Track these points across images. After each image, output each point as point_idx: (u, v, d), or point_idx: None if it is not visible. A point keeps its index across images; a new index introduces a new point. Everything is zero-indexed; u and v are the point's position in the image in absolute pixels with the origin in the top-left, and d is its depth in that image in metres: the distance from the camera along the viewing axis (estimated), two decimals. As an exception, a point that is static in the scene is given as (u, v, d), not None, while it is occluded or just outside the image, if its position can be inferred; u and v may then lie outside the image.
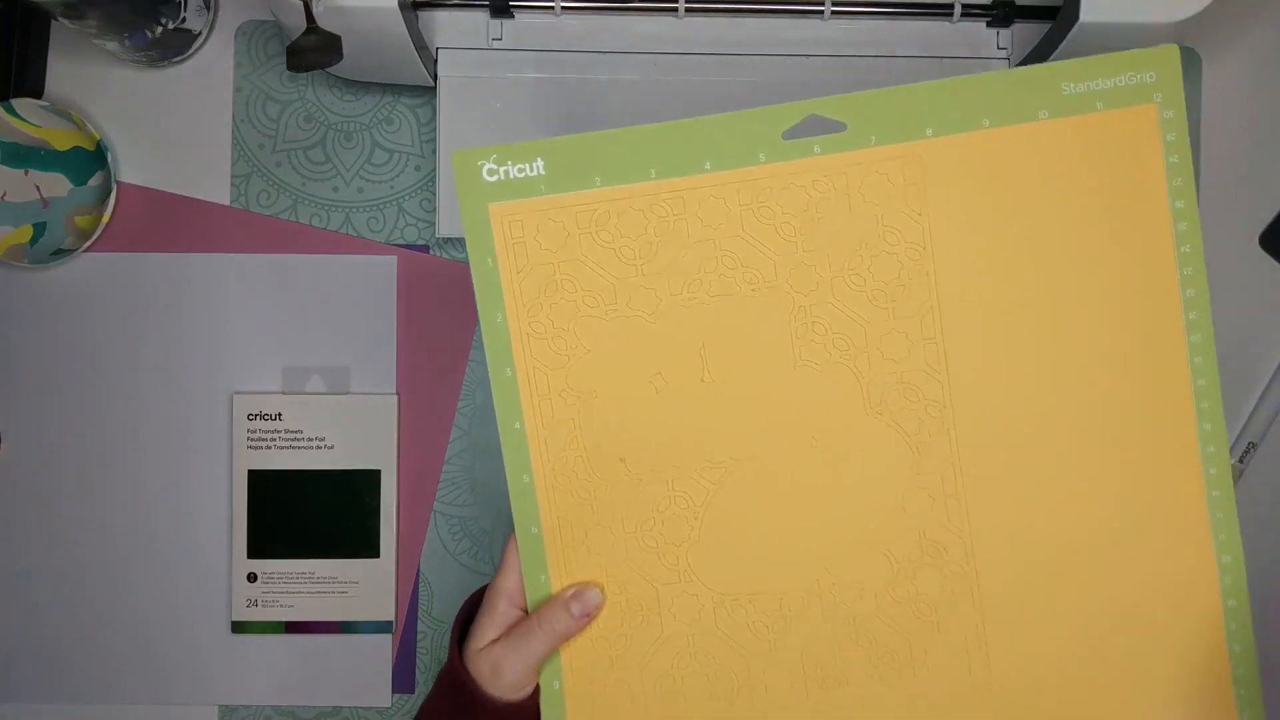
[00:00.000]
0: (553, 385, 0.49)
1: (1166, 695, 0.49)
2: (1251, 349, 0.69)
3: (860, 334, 0.49)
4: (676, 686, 0.50)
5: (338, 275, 0.69)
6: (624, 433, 0.50)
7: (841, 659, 0.50)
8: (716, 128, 0.48)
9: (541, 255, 0.49)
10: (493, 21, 0.64)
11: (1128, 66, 0.46)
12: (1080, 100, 0.47)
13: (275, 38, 0.69)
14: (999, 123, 0.47)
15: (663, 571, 0.50)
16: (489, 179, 0.48)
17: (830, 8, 0.63)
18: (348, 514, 0.68)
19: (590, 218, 0.49)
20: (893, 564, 0.49)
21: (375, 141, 0.69)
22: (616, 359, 0.49)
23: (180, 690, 0.68)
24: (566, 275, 0.49)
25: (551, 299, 0.49)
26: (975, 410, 0.48)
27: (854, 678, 0.50)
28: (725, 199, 0.48)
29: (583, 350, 0.49)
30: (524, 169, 0.48)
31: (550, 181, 0.49)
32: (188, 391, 0.69)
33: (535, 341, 0.49)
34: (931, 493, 0.49)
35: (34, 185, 0.69)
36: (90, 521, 0.68)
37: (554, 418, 0.50)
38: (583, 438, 0.50)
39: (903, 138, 0.47)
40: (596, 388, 0.50)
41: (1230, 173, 0.69)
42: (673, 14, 0.63)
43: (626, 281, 0.49)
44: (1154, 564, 0.48)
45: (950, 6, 0.63)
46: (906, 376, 0.49)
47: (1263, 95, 0.69)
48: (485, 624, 0.50)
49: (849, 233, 0.48)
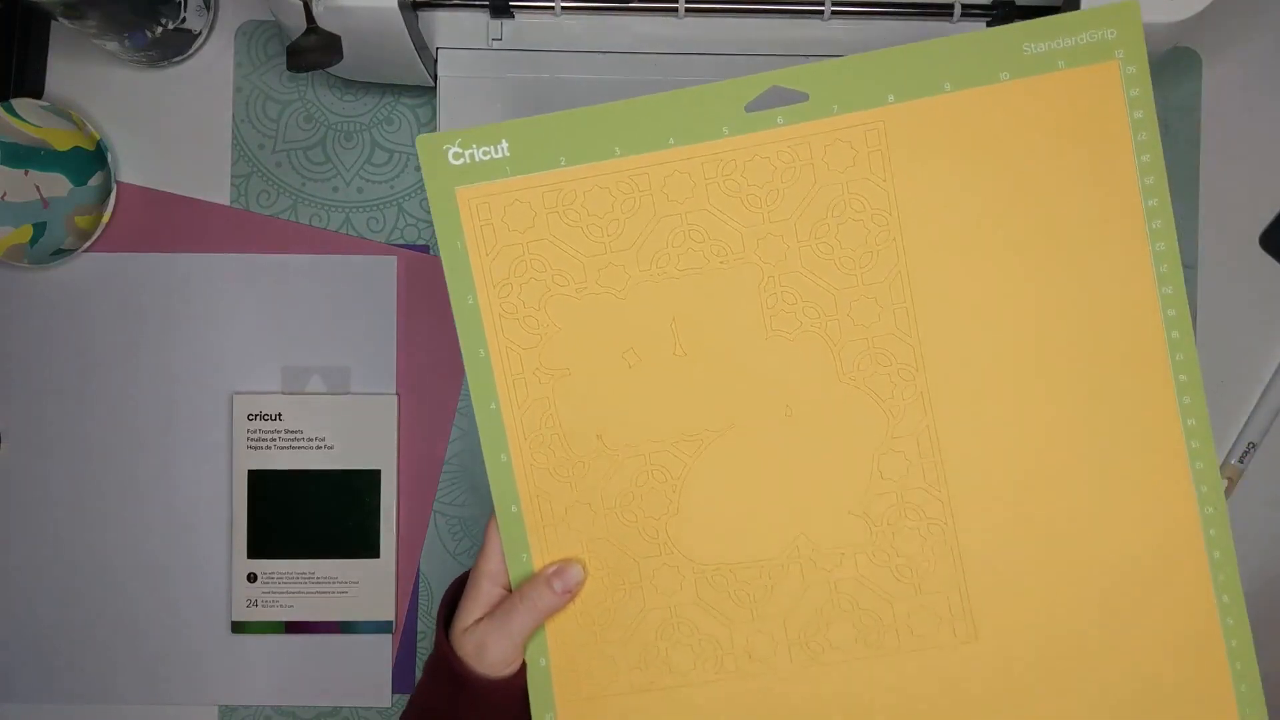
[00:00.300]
0: (526, 364, 0.50)
1: (1156, 649, 0.48)
2: (1251, 349, 0.69)
3: (830, 302, 0.49)
4: (662, 657, 0.50)
5: (338, 275, 0.69)
6: (599, 409, 0.50)
7: (825, 624, 0.50)
8: (679, 103, 0.49)
9: (510, 236, 0.49)
10: (493, 21, 0.64)
11: (1088, 24, 0.46)
12: (1041, 60, 0.47)
13: (275, 38, 0.69)
14: (960, 86, 0.47)
15: (643, 545, 0.50)
16: (454, 163, 0.49)
17: (830, 8, 0.63)
18: (348, 514, 0.68)
19: (557, 197, 0.49)
20: (871, 527, 0.49)
21: (375, 142, 0.69)
22: (589, 336, 0.50)
23: (180, 690, 0.68)
24: (535, 255, 0.50)
25: (522, 279, 0.50)
26: (948, 372, 0.48)
27: (838, 642, 0.50)
28: (690, 174, 0.49)
29: (555, 329, 0.50)
30: (489, 151, 0.49)
31: (515, 163, 0.49)
32: (187, 392, 0.68)
33: (507, 321, 0.50)
34: (908, 455, 0.49)
35: (34, 185, 0.69)
36: (90, 522, 0.68)
37: (529, 396, 0.50)
38: (558, 415, 0.50)
39: (865, 105, 0.48)
40: (570, 365, 0.50)
41: (1230, 173, 0.69)
42: (673, 14, 0.63)
43: (596, 259, 0.50)
44: (1137, 517, 0.48)
45: (950, 6, 0.63)
46: (877, 342, 0.49)
47: (1263, 95, 0.69)
48: (469, 605, 0.51)
49: (815, 202, 0.49)
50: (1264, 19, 0.69)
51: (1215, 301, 0.69)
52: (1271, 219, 0.69)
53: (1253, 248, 0.69)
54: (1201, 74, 0.69)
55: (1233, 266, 0.69)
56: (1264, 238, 0.69)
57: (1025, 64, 0.47)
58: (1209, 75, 0.69)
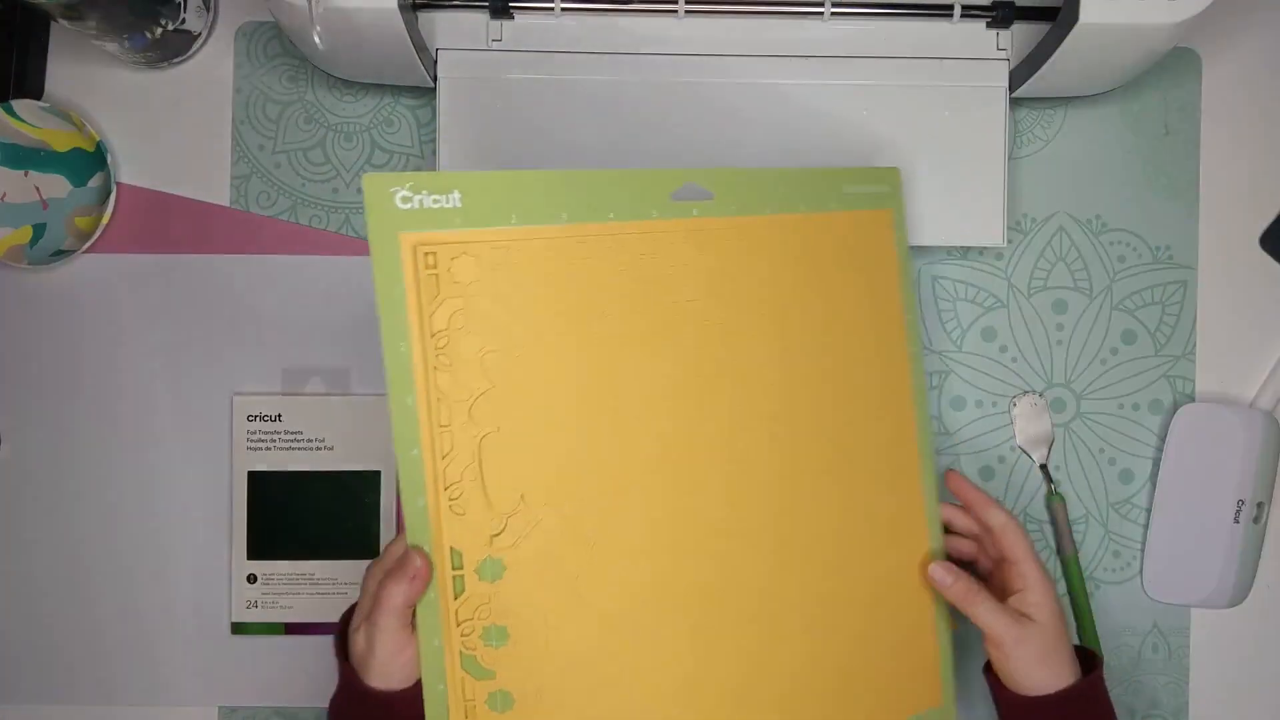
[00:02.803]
0: (455, 417, 0.49)
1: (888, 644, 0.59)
2: (1251, 349, 0.69)
3: (713, 375, 0.55)
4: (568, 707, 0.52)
5: (338, 276, 0.69)
6: (525, 469, 0.50)
7: (700, 670, 0.54)
8: (618, 182, 0.52)
9: (453, 289, 0.49)
10: (492, 22, 0.64)
11: (874, 178, 0.60)
12: (854, 199, 0.59)
13: (275, 39, 0.69)
14: (810, 209, 0.58)
15: (555, 600, 0.51)
16: (402, 206, 0.48)
17: (830, 8, 0.63)
18: (347, 515, 0.68)
19: (505, 255, 0.50)
20: (712, 569, 0.55)
21: (375, 142, 0.69)
22: (517, 395, 0.50)
23: (180, 691, 0.68)
24: (477, 310, 0.49)
25: (461, 331, 0.49)
26: (756, 443, 0.56)
27: (710, 682, 0.54)
28: (625, 247, 0.53)
29: (486, 385, 0.50)
30: (439, 200, 0.49)
31: (467, 215, 0.49)
32: (188, 393, 0.68)
33: (440, 374, 0.49)
34: (741, 512, 0.55)
35: (34, 186, 0.69)
36: (90, 522, 0.68)
37: (453, 448, 0.49)
38: (482, 470, 0.50)
39: (751, 211, 0.56)
40: (498, 423, 0.50)
41: (1230, 173, 0.69)
42: (673, 14, 0.63)
43: (536, 321, 0.50)
44: (888, 551, 0.59)
45: (950, 7, 0.63)
46: (734, 412, 0.55)
47: (1263, 95, 0.69)
48: (356, 612, 0.53)
49: (709, 286, 0.55)
50: (1264, 19, 0.69)
51: (1215, 301, 0.69)
52: (1272, 219, 0.69)
53: (1253, 248, 0.69)
54: (1201, 74, 0.69)
55: (1233, 266, 0.69)
56: (1264, 238, 0.69)
57: (844, 199, 0.59)
58: (1209, 75, 0.69)
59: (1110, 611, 0.69)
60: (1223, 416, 0.67)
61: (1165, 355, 0.69)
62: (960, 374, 0.69)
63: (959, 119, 0.65)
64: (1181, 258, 0.69)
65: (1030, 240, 0.69)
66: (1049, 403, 0.69)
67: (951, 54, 0.64)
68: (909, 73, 0.64)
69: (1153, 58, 0.61)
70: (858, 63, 0.64)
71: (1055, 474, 0.69)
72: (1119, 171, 0.69)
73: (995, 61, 0.64)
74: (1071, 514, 0.68)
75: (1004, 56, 0.64)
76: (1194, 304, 0.69)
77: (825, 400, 0.58)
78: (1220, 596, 0.67)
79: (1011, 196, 0.68)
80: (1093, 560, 0.69)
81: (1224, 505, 0.66)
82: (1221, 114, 0.69)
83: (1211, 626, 0.68)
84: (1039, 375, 0.69)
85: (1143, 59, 0.61)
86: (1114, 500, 0.69)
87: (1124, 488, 0.69)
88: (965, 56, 0.64)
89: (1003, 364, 0.69)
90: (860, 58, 0.64)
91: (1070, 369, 0.69)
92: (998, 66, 0.64)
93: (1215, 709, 0.68)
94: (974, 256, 0.69)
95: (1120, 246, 0.69)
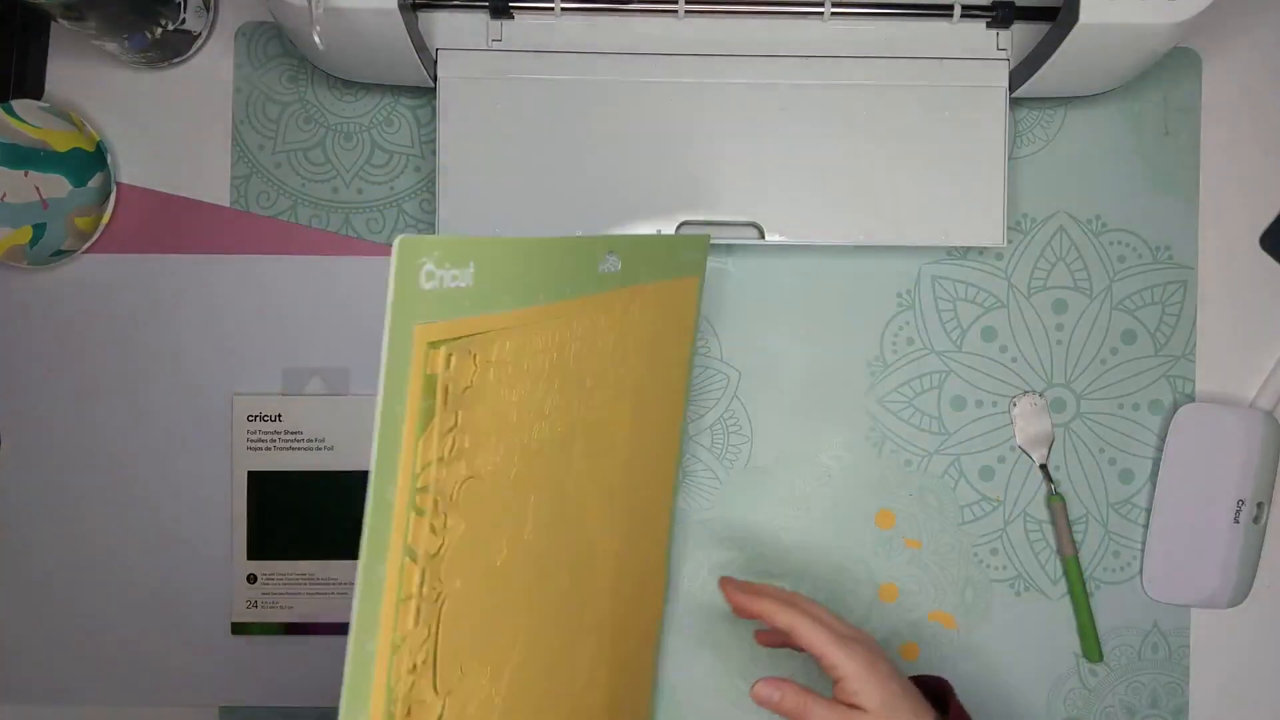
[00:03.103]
0: (416, 583, 0.39)
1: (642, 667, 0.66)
2: (1251, 349, 0.69)
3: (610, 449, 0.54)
4: None
5: (338, 276, 0.69)
6: (467, 641, 0.41)
7: None
8: (556, 251, 0.43)
9: (452, 400, 0.36)
10: (492, 22, 0.64)
11: (695, 246, 0.61)
12: (684, 265, 0.60)
13: (275, 39, 0.69)
14: (669, 276, 0.57)
15: None
16: (426, 285, 0.34)
17: (830, 8, 0.63)
18: (348, 515, 0.68)
19: (504, 347, 0.39)
20: None
21: (375, 142, 0.69)
22: (482, 544, 0.41)
23: (180, 691, 0.68)
24: (468, 423, 0.37)
25: (447, 460, 0.37)
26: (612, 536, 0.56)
27: None
28: (574, 327, 0.45)
29: (455, 535, 0.39)
30: (457, 278, 0.35)
31: (476, 295, 0.36)
32: (188, 393, 0.68)
33: (415, 523, 0.37)
34: None
35: (34, 186, 0.69)
36: (89, 523, 0.68)
37: (408, 623, 0.39)
38: (431, 642, 0.40)
39: (647, 279, 0.54)
40: (454, 585, 0.39)
41: (1230, 173, 0.69)
42: (673, 14, 0.63)
43: (520, 430, 0.41)
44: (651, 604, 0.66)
45: (950, 7, 0.63)
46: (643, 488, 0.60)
47: (1263, 95, 0.69)
48: None
49: (618, 361, 0.52)
50: (1264, 19, 0.69)
51: (1215, 301, 0.69)
52: (1272, 219, 0.69)
53: (1253, 248, 0.69)
54: (1201, 74, 0.69)
55: (1233, 266, 0.69)
56: (1264, 238, 0.69)
57: (681, 266, 0.59)
58: (1209, 75, 0.69)
59: (1110, 611, 0.69)
60: (1222, 416, 0.67)
61: (1165, 355, 0.69)
62: (960, 374, 0.69)
63: (959, 119, 0.65)
64: (1181, 258, 0.69)
65: (1030, 240, 0.69)
66: (1049, 403, 0.69)
67: (951, 54, 0.64)
68: (909, 73, 0.64)
69: (1153, 58, 0.61)
70: (858, 63, 0.64)
71: (1055, 474, 0.69)
72: (1119, 171, 0.69)
73: (995, 61, 0.64)
74: (1071, 514, 0.69)
75: (1004, 56, 0.64)
76: (1194, 304, 0.69)
77: (647, 467, 0.61)
78: (1220, 596, 0.67)
79: (1011, 196, 0.68)
80: (1093, 560, 0.69)
81: (1224, 505, 0.66)
82: (1221, 114, 0.69)
83: (1211, 626, 0.69)
84: (1039, 375, 0.69)
85: (1143, 59, 0.61)
86: (1114, 500, 0.69)
87: (1124, 488, 0.69)
88: (965, 56, 0.64)
89: (1003, 364, 0.69)
90: (860, 58, 0.64)
91: (1070, 369, 0.69)
92: (998, 66, 0.64)
93: (1215, 709, 0.69)
94: (974, 256, 0.69)
95: (1120, 246, 0.69)
